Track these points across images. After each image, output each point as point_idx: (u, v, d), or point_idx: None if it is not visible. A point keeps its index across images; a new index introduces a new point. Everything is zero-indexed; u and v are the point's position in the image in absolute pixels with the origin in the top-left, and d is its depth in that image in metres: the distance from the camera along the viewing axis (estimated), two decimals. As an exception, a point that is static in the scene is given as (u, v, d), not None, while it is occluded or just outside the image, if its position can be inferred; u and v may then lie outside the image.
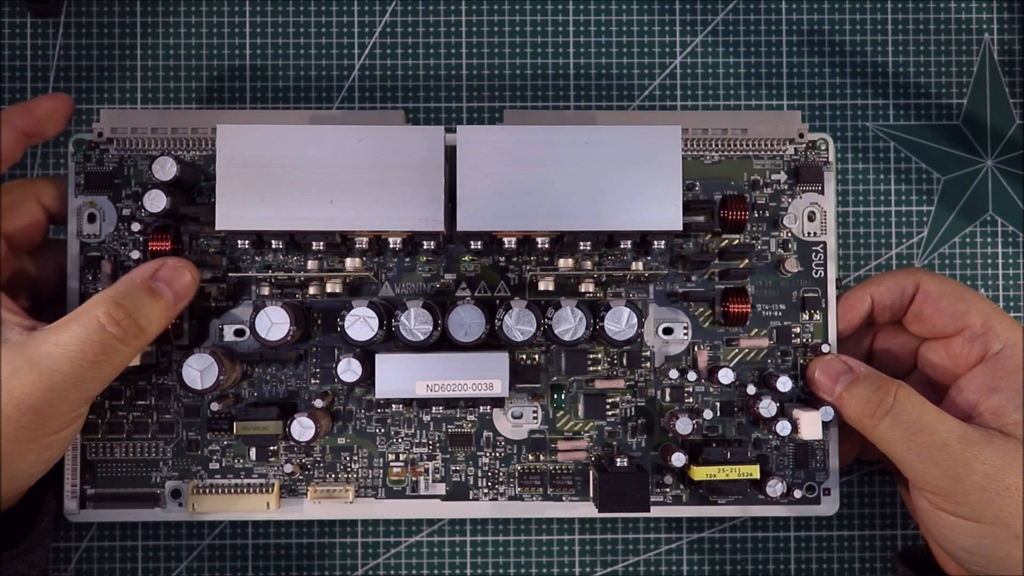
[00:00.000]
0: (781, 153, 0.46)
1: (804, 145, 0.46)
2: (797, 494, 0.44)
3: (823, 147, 0.46)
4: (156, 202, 0.42)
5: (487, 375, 0.42)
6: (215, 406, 0.44)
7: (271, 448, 0.45)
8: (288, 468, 0.44)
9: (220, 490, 0.45)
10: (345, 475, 0.45)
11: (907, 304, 0.45)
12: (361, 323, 0.41)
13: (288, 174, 0.41)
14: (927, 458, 0.40)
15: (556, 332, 0.41)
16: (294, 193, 0.41)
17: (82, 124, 0.51)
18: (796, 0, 0.52)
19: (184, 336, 0.45)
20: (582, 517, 0.48)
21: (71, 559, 0.49)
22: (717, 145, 0.46)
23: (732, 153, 0.46)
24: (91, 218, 0.45)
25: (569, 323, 0.41)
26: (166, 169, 0.42)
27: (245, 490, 0.45)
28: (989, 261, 0.51)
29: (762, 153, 0.46)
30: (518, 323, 0.41)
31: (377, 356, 0.42)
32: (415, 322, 0.41)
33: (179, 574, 0.49)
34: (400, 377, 0.42)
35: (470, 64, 0.52)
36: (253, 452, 0.45)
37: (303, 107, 0.51)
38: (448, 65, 0.52)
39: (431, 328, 0.41)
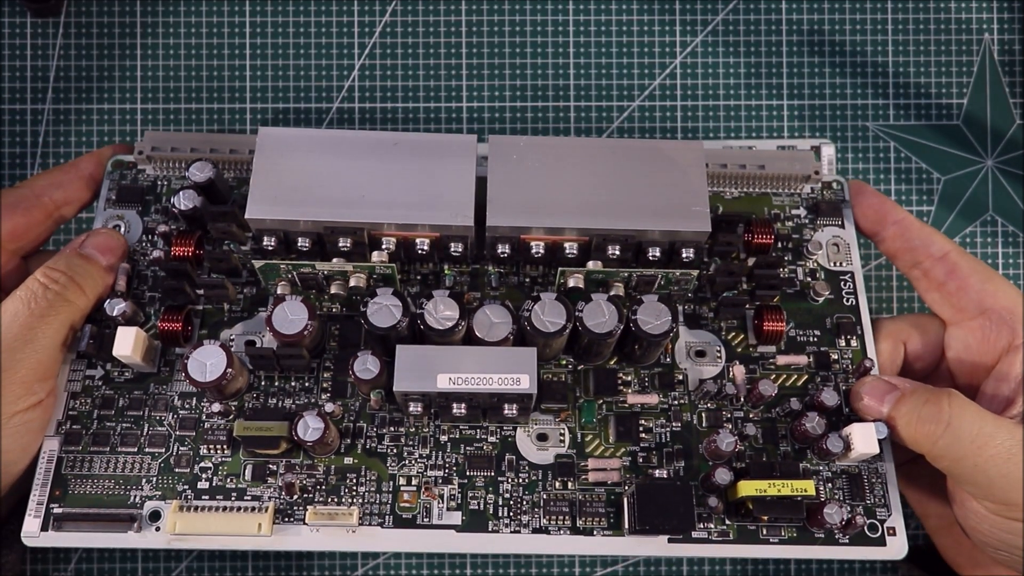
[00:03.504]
0: (799, 191, 0.45)
1: (820, 184, 0.45)
2: (859, 520, 0.39)
3: (838, 187, 0.45)
4: (186, 200, 0.42)
5: (513, 369, 0.39)
6: (216, 407, 0.41)
7: (271, 465, 0.41)
8: (289, 478, 0.40)
9: (207, 511, 0.40)
10: (350, 499, 0.41)
11: (922, 260, 0.43)
12: (384, 310, 0.39)
13: (321, 173, 0.41)
14: (995, 472, 0.37)
15: (588, 325, 0.39)
16: (325, 190, 0.40)
17: (82, 124, 0.51)
18: (796, 0, 0.52)
19: (193, 340, 0.43)
20: (618, 555, 0.45)
21: (71, 559, 0.48)
22: (736, 182, 0.45)
23: (751, 189, 0.45)
24: (116, 228, 0.45)
25: (601, 315, 0.39)
26: (203, 172, 0.42)
27: (236, 512, 0.40)
28: (989, 261, 0.51)
29: (780, 191, 0.45)
30: (547, 314, 0.39)
31: (398, 347, 0.39)
32: (441, 310, 0.39)
33: (179, 574, 0.49)
34: (421, 369, 0.38)
35: (470, 64, 0.52)
36: (249, 471, 0.41)
37: (302, 106, 0.51)
38: (448, 65, 0.52)
39: (457, 316, 0.39)
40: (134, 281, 0.44)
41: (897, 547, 0.41)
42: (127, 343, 0.41)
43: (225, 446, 0.41)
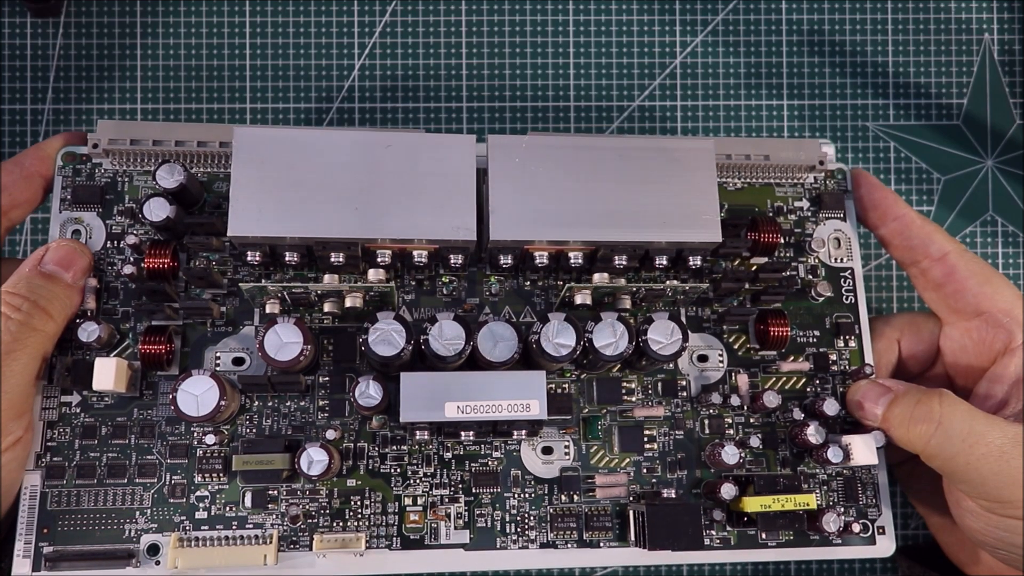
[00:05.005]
0: (802, 181, 0.45)
1: (823, 174, 0.45)
2: (856, 527, 0.40)
3: (841, 176, 0.45)
4: (158, 210, 0.38)
5: (523, 395, 0.37)
6: (210, 439, 0.39)
7: (271, 492, 0.39)
8: (293, 511, 0.39)
9: (208, 543, 0.38)
10: (355, 523, 0.39)
11: (920, 259, 0.43)
12: (387, 337, 0.37)
13: (309, 180, 0.38)
14: (987, 469, 0.37)
15: (597, 346, 0.38)
16: (315, 200, 0.37)
17: (82, 124, 0.51)
18: (796, 0, 0.52)
19: (175, 363, 0.40)
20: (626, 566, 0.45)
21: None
22: (739, 172, 0.44)
23: (755, 180, 0.45)
24: (76, 235, 0.41)
25: (611, 337, 0.38)
26: (173, 176, 0.39)
27: (238, 542, 0.38)
28: (989, 261, 0.51)
29: (783, 181, 0.45)
30: (556, 336, 0.38)
31: (402, 375, 0.37)
32: (446, 335, 0.37)
33: None
34: (427, 398, 0.37)
35: (470, 64, 0.52)
36: (249, 498, 0.39)
37: (302, 106, 0.51)
38: (448, 65, 0.52)
39: (463, 342, 0.37)
40: (103, 296, 0.40)
41: (886, 545, 0.42)
42: (108, 376, 0.38)
43: (221, 473, 0.39)
